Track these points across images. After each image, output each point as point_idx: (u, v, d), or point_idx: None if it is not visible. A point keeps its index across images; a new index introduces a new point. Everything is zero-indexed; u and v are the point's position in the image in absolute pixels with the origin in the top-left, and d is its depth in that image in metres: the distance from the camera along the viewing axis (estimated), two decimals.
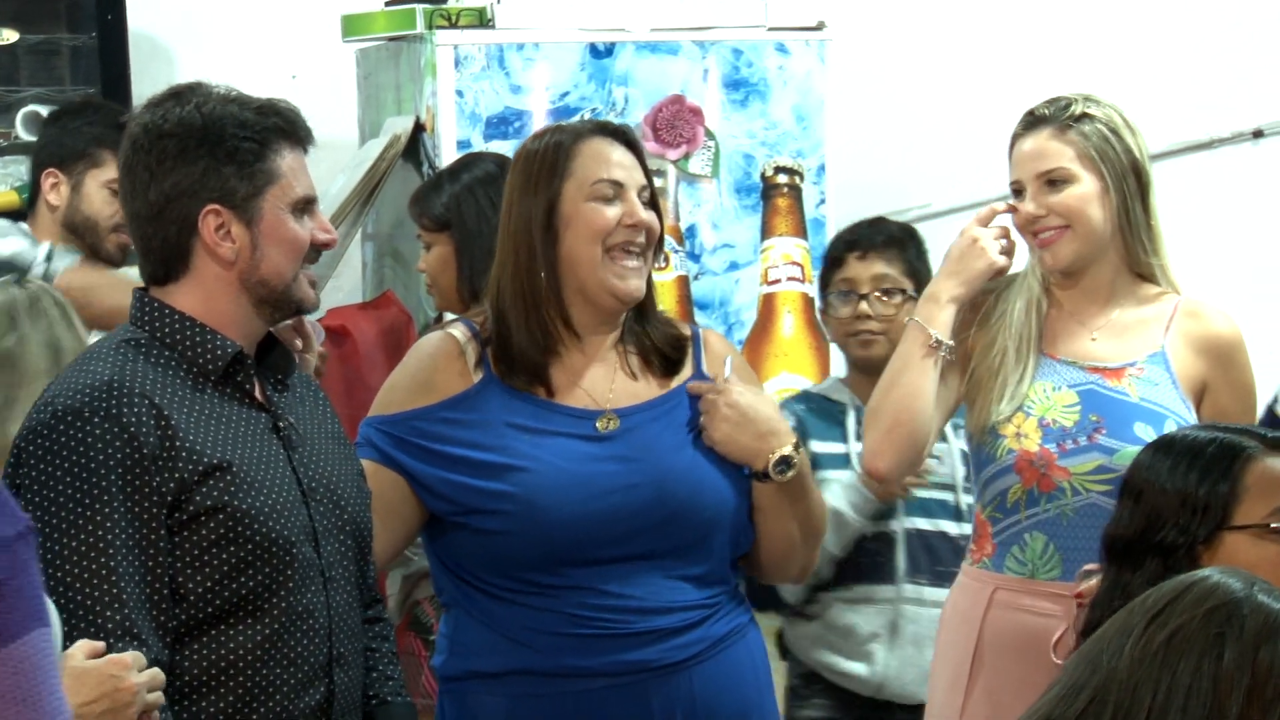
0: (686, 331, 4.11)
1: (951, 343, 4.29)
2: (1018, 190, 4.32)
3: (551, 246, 3.92)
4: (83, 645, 3.10)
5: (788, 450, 3.94)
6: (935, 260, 4.98)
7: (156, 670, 3.13)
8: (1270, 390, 4.60)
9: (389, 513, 3.87)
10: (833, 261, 4.76)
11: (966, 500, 4.67)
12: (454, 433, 3.92)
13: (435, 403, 3.94)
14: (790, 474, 3.93)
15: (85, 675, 3.06)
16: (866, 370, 4.76)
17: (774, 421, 3.96)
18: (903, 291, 4.81)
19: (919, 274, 4.79)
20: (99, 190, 5.06)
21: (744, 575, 4.14)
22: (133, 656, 3.10)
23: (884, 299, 4.75)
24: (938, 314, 4.30)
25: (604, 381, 3.98)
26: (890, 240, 4.85)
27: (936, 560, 4.79)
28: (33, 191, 5.23)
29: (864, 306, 4.72)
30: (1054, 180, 4.28)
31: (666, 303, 4.46)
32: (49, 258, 4.93)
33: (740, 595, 4.08)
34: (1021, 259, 4.40)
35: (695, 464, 3.95)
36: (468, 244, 4.86)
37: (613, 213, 3.90)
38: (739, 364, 4.15)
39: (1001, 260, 4.31)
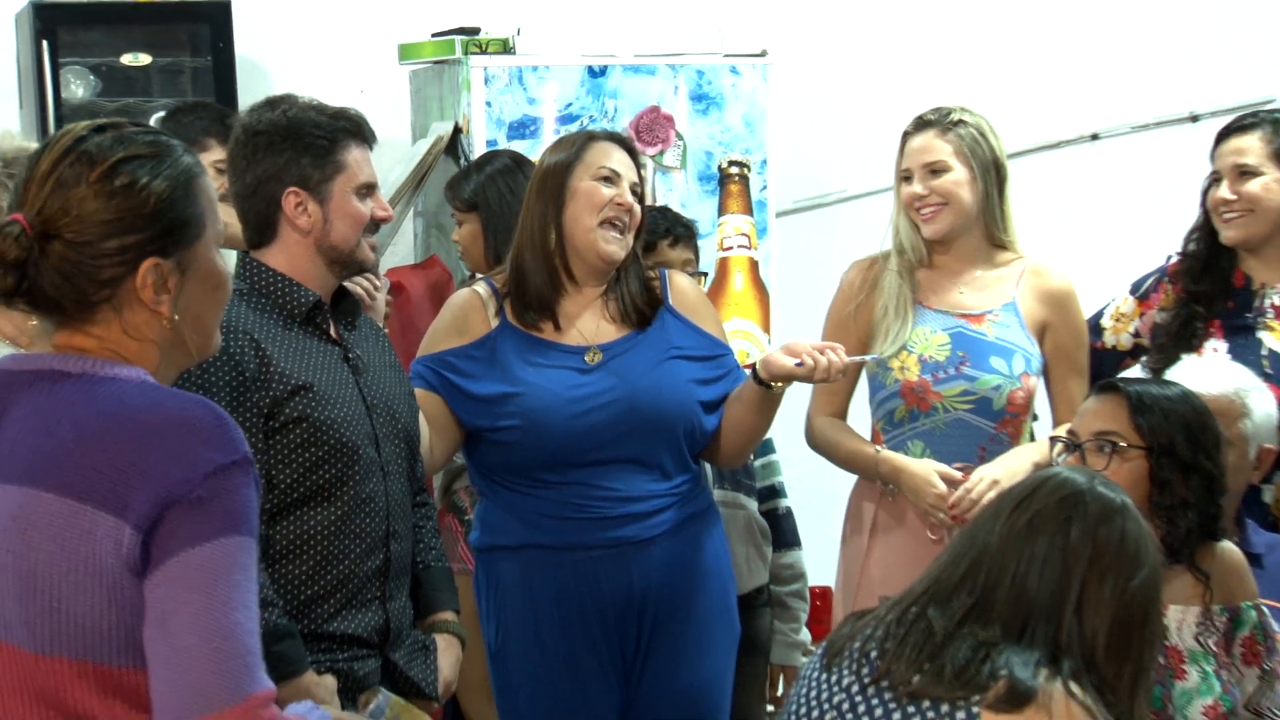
0: (657, 282, 4.15)
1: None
2: (907, 176, 4.33)
3: (559, 211, 3.98)
4: None
5: None
6: (851, 237, 4.99)
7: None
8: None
9: (440, 428, 3.96)
10: (646, 247, 4.55)
11: None
12: (477, 369, 4.00)
13: (466, 343, 4.00)
14: (783, 387, 3.98)
15: None
16: None
17: None
18: (703, 275, 4.85)
19: (699, 257, 4.88)
20: (209, 170, 5.02)
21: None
22: None
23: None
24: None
25: (591, 324, 4.05)
26: (689, 231, 4.83)
27: (740, 470, 4.76)
28: None
29: None
30: (936, 169, 4.29)
31: None
32: None
33: (702, 485, 4.12)
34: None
35: (660, 383, 4.00)
36: (492, 222, 4.88)
37: (608, 192, 3.98)
38: (696, 299, 4.21)
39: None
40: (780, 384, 3.96)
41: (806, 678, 3.01)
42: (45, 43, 5.63)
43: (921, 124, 4.35)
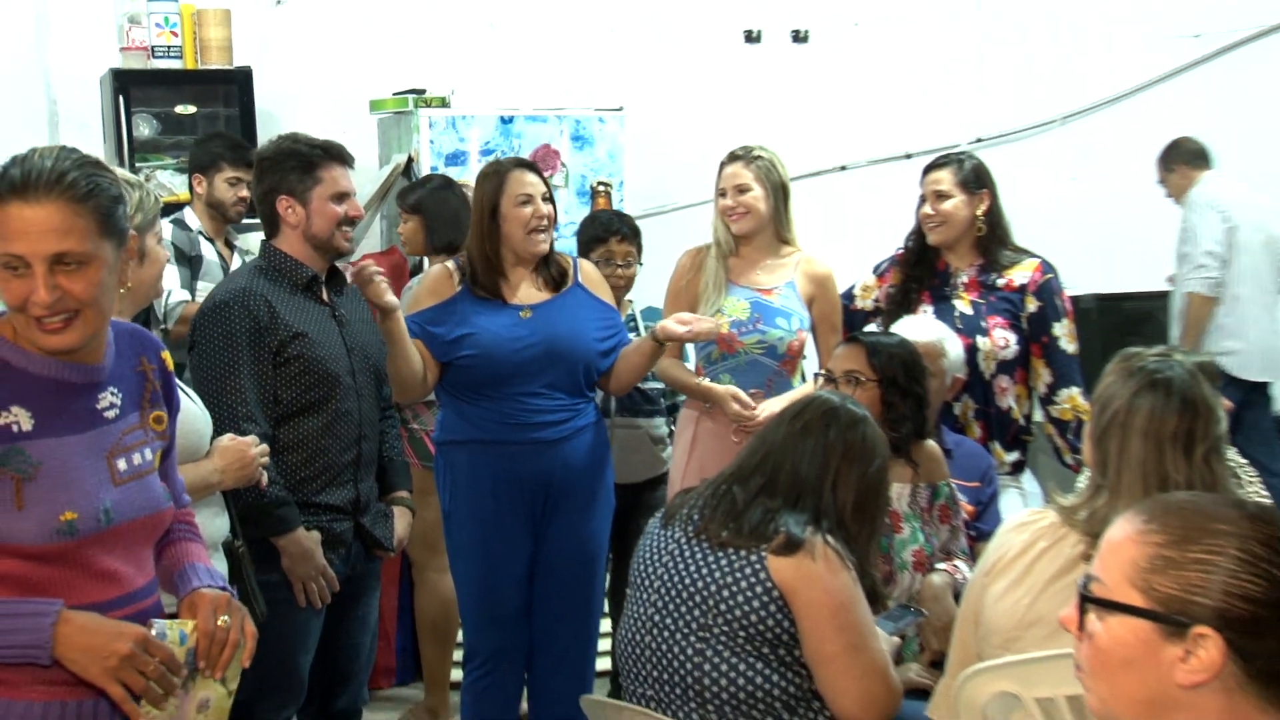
0: (569, 263, 4.14)
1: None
2: (723, 193, 4.33)
3: (498, 229, 3.95)
4: (227, 436, 3.13)
5: None
6: (682, 235, 5.02)
7: (265, 446, 3.17)
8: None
9: (428, 362, 3.90)
10: (597, 239, 4.63)
11: None
12: (447, 320, 3.94)
13: (439, 303, 3.97)
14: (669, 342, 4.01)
15: (227, 450, 3.12)
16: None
17: None
18: (639, 264, 4.76)
19: (641, 251, 4.80)
20: (223, 183, 4.97)
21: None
22: (254, 439, 3.13)
23: (627, 268, 4.68)
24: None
25: (525, 291, 4.00)
26: (634, 231, 4.78)
27: (638, 401, 4.73)
28: (192, 189, 5.13)
29: (620, 271, 4.64)
30: (742, 189, 4.29)
31: None
32: (168, 301, 4.74)
33: (593, 406, 4.12)
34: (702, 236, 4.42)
35: (572, 333, 4.00)
36: (429, 221, 4.88)
37: (529, 210, 3.93)
38: (597, 279, 4.19)
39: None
40: (669, 343, 4.01)
41: (650, 533, 3.06)
42: (121, 97, 5.58)
43: (733, 157, 4.34)
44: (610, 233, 4.69)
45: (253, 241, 5.16)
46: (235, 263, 4.97)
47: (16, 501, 2.13)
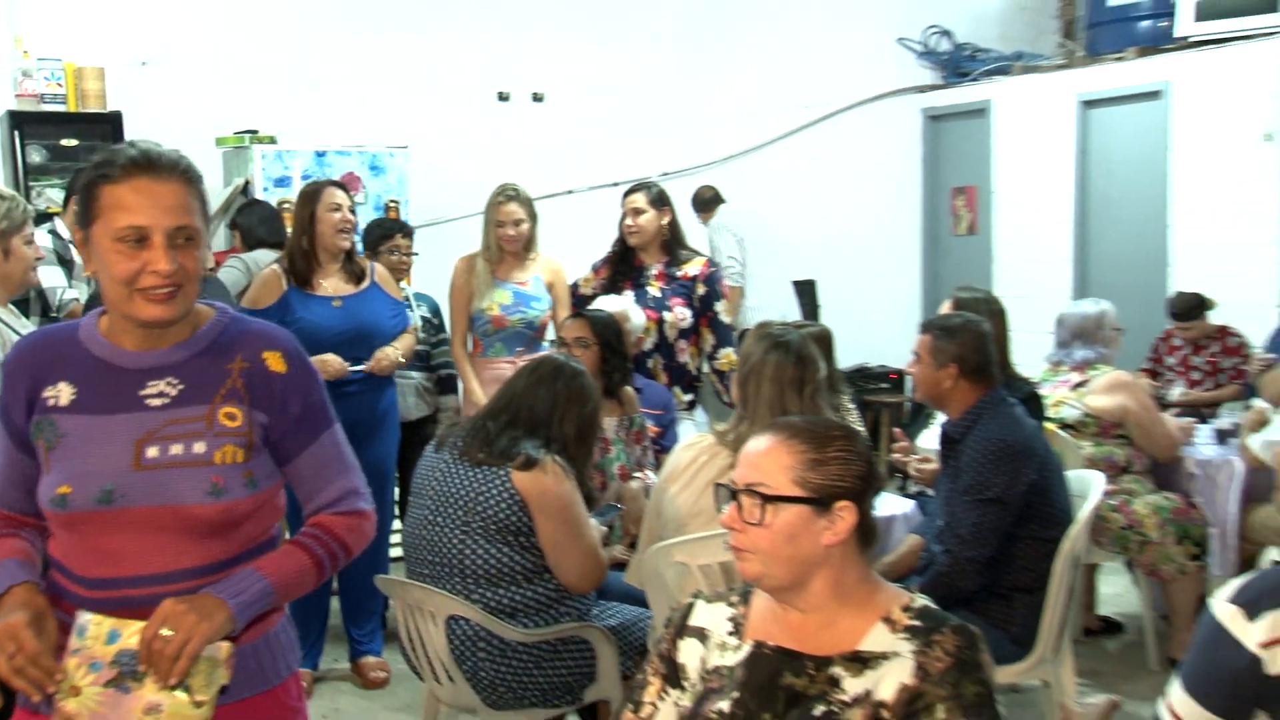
0: (367, 264, 4.03)
1: None
2: (501, 224, 4.23)
3: (313, 228, 3.85)
4: None
5: None
6: (451, 242, 4.92)
7: None
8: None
9: None
10: (385, 236, 4.44)
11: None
12: (279, 313, 3.78)
13: (274, 301, 3.84)
14: None
15: None
16: None
17: None
18: (415, 254, 4.55)
19: (413, 244, 4.67)
20: None
21: None
22: None
23: (408, 256, 4.50)
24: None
25: (334, 284, 3.89)
26: (409, 231, 4.67)
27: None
28: (65, 206, 4.66)
29: (403, 258, 4.50)
30: (519, 222, 4.23)
31: None
32: (61, 295, 4.23)
33: None
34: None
35: (373, 319, 3.92)
36: (244, 233, 4.81)
37: (336, 217, 3.84)
38: (387, 279, 4.06)
39: None
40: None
41: (426, 456, 3.03)
42: (17, 132, 5.26)
43: (509, 198, 4.26)
44: (396, 230, 4.62)
45: None
46: None
47: (46, 466, 1.72)
